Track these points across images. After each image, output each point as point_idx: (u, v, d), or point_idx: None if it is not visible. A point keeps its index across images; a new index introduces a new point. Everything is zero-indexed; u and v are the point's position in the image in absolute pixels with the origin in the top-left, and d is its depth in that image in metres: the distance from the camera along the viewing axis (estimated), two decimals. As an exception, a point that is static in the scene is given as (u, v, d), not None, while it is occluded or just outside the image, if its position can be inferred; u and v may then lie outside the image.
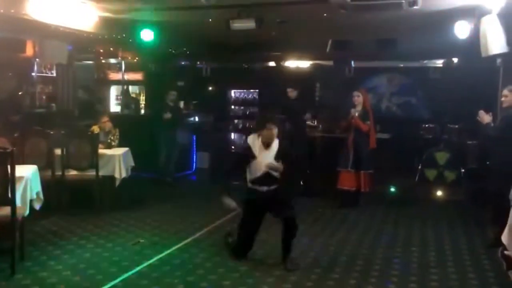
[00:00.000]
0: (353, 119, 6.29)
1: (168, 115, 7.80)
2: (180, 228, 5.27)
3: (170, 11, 6.00)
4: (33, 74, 8.96)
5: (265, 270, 4.06)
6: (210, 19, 6.31)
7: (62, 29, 5.86)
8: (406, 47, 7.63)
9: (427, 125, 7.80)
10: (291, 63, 9.70)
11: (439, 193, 7.10)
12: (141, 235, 4.96)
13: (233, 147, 9.49)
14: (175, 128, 8.08)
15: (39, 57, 8.10)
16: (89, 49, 8.90)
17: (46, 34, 6.79)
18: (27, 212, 4.12)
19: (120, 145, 6.35)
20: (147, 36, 6.71)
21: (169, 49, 8.16)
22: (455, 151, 7.28)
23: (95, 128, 6.27)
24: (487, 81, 6.84)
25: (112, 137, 6.32)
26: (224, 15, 5.76)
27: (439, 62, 8.73)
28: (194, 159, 9.25)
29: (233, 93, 10.34)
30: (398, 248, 4.76)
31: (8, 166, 3.69)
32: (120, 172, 5.87)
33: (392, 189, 7.17)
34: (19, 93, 8.88)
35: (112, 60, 9.93)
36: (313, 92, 9.35)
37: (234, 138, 9.84)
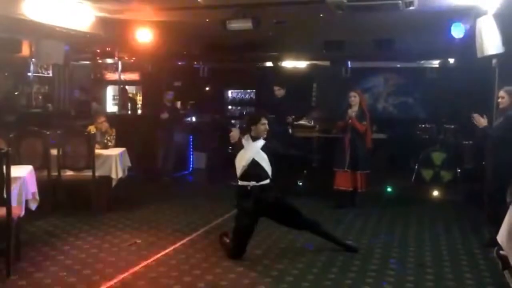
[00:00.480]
0: (350, 120, 6.30)
1: (165, 115, 7.79)
2: (177, 229, 5.27)
3: (167, 11, 5.99)
4: (29, 74, 8.95)
5: (262, 271, 4.06)
6: (207, 19, 6.30)
7: (59, 29, 5.83)
8: (403, 48, 7.65)
9: (424, 125, 7.81)
10: (288, 64, 9.70)
11: (436, 193, 7.12)
12: (138, 236, 4.95)
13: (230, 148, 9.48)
14: (172, 129, 8.08)
15: (35, 57, 8.08)
16: (86, 49, 8.88)
17: (43, 34, 6.77)
18: (23, 213, 4.10)
19: (117, 145, 6.34)
20: (144, 36, 6.71)
21: (166, 49, 8.16)
22: (452, 151, 7.30)
23: (92, 128, 6.26)
24: (483, 82, 6.86)
25: (109, 137, 6.31)
26: (221, 15, 5.75)
27: (436, 63, 8.75)
28: (191, 160, 9.25)
29: (230, 93, 10.35)
30: (395, 248, 4.76)
31: (4, 166, 3.68)
32: (117, 173, 5.85)
33: (389, 189, 7.19)
34: (15, 93, 8.87)
35: (109, 60, 9.91)
36: (310, 92, 9.36)
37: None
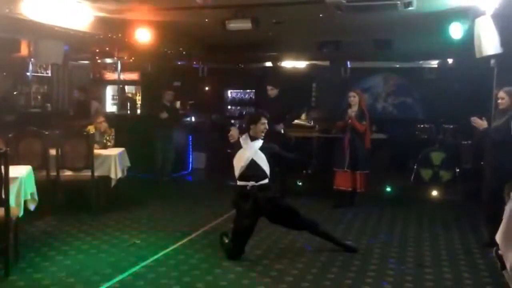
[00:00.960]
0: (350, 119, 6.30)
1: (165, 115, 7.79)
2: (176, 229, 5.26)
3: (166, 11, 5.99)
4: (28, 74, 8.94)
5: (261, 271, 4.06)
6: (206, 19, 6.30)
7: (58, 29, 5.83)
8: (402, 48, 7.66)
9: (423, 125, 7.82)
10: (288, 63, 9.70)
11: (435, 193, 7.12)
12: (137, 236, 4.94)
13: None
14: (172, 128, 8.07)
15: (34, 57, 8.06)
16: (85, 49, 8.87)
17: (41, 34, 6.76)
18: (21, 213, 4.10)
19: (116, 145, 6.33)
20: (143, 36, 6.70)
21: (165, 49, 8.16)
22: (451, 151, 7.31)
23: (91, 128, 6.25)
24: (482, 82, 6.87)
25: (108, 137, 6.30)
26: (220, 15, 5.75)
27: (434, 63, 8.76)
28: (190, 160, 9.24)
29: (230, 93, 10.34)
30: (394, 248, 4.77)
31: (2, 167, 3.67)
32: (116, 173, 5.84)
33: (388, 189, 7.19)
34: (14, 93, 8.86)
35: (108, 60, 9.90)
36: (310, 92, 9.36)
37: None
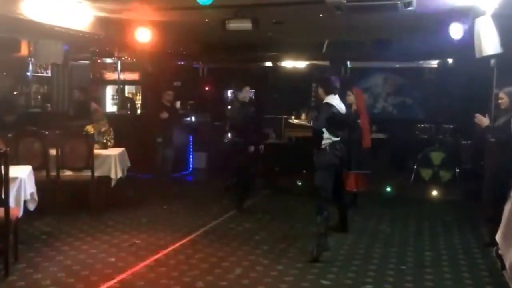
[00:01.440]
0: None
1: (165, 115, 7.78)
2: (176, 229, 5.25)
3: (166, 11, 5.98)
4: (28, 74, 8.93)
5: (261, 271, 4.06)
6: (206, 19, 6.30)
7: (58, 29, 5.82)
8: (402, 48, 7.65)
9: (423, 125, 7.83)
10: (288, 64, 9.70)
11: (435, 193, 7.12)
12: (137, 236, 4.94)
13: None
14: (172, 129, 8.06)
15: (34, 57, 8.06)
16: (85, 49, 8.86)
17: (41, 34, 6.75)
18: (21, 213, 4.10)
19: (116, 145, 6.32)
20: (143, 36, 6.69)
21: (165, 49, 8.16)
22: (450, 151, 7.32)
23: (90, 128, 6.25)
24: (482, 82, 6.87)
25: (108, 137, 6.29)
26: (220, 16, 5.75)
27: (434, 63, 8.77)
28: (191, 160, 9.24)
29: (230, 93, 10.32)
30: (394, 248, 4.77)
31: (2, 167, 3.67)
32: (116, 173, 5.84)
33: (388, 189, 7.19)
34: (14, 93, 8.85)
35: (108, 60, 9.90)
36: (309, 92, 9.37)
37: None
